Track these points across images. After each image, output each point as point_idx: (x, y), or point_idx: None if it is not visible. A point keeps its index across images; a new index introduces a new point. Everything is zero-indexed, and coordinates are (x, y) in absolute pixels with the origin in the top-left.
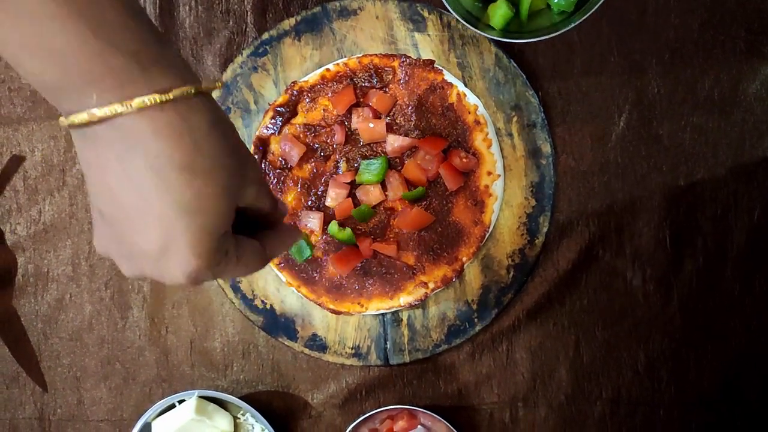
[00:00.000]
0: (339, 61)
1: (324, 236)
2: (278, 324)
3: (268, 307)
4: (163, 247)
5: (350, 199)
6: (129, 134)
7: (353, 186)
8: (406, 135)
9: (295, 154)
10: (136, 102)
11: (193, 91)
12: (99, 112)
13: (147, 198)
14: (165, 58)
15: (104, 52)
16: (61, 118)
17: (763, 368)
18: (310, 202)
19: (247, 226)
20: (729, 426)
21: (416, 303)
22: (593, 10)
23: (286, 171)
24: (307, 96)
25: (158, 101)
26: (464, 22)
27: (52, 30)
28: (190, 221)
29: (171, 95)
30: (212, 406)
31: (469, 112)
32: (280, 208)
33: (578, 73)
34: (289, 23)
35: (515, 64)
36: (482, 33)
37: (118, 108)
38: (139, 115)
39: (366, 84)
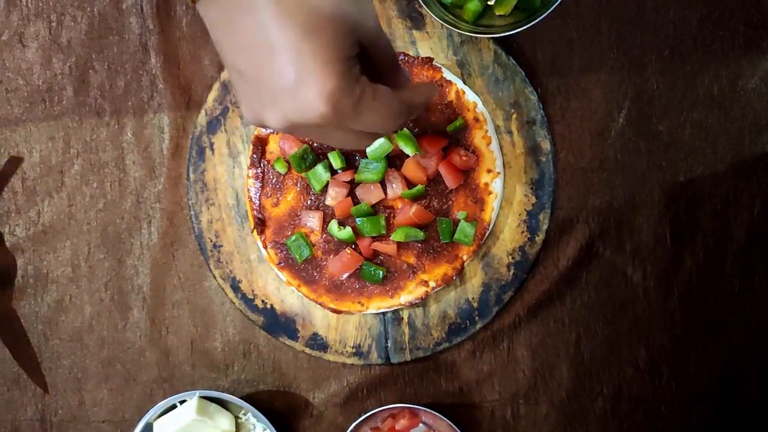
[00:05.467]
0: None
1: (324, 235)
2: (279, 323)
3: (268, 306)
4: (297, 72)
5: (350, 198)
6: None
7: (353, 185)
8: None
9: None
10: None
11: None
12: None
13: (273, 30)
14: None
15: None
16: None
17: (763, 363)
18: (309, 201)
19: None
20: (729, 421)
21: (417, 301)
22: (557, 3)
23: (286, 170)
24: None
25: None
26: (437, 18)
27: None
28: (314, 39)
29: None
30: (213, 406)
31: (468, 110)
32: (403, 75)
33: (577, 70)
34: None
35: (514, 61)
36: (451, 27)
37: None
38: None
39: None
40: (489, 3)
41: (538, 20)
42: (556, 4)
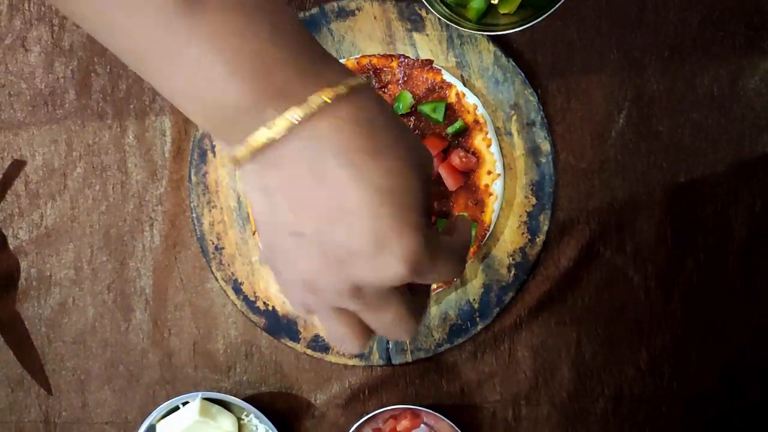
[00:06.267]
0: None
1: None
2: (280, 325)
3: (270, 308)
4: (376, 237)
5: None
6: (315, 139)
7: None
8: None
9: None
10: (315, 101)
11: (358, 82)
12: (281, 122)
13: (346, 194)
14: (324, 53)
15: (281, 58)
16: (238, 153)
17: (764, 363)
18: None
19: None
20: (730, 421)
21: None
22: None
23: None
24: None
25: (334, 96)
26: (441, 17)
27: (235, 47)
28: (393, 202)
29: (344, 88)
30: (216, 407)
31: (468, 112)
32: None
33: (577, 71)
34: None
35: (514, 63)
36: (456, 25)
37: (298, 113)
38: (319, 116)
39: None
40: (493, 2)
41: (543, 17)
42: (562, 1)
